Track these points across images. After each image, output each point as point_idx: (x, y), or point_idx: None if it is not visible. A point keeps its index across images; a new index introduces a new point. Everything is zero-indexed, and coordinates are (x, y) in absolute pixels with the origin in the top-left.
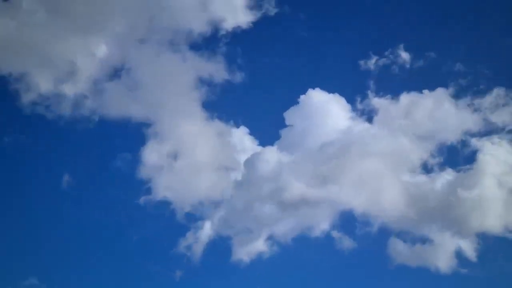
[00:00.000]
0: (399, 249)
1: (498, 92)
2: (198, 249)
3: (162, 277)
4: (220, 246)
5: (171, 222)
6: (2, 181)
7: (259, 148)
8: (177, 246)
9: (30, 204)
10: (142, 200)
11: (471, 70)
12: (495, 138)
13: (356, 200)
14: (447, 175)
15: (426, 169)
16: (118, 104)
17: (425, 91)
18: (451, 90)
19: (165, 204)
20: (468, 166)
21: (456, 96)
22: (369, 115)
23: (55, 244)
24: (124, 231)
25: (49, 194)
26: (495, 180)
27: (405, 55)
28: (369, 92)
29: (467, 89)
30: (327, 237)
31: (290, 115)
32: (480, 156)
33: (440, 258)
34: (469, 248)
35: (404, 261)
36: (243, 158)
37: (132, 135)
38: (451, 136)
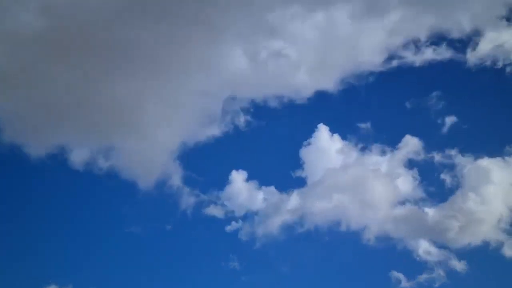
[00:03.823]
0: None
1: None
2: None
3: None
4: None
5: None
6: (21, 187)
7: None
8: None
9: (51, 208)
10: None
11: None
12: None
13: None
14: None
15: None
16: None
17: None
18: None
19: None
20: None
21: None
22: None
23: (75, 249)
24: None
25: (69, 198)
26: (481, 199)
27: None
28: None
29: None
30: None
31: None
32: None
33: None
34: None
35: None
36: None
37: None
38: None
